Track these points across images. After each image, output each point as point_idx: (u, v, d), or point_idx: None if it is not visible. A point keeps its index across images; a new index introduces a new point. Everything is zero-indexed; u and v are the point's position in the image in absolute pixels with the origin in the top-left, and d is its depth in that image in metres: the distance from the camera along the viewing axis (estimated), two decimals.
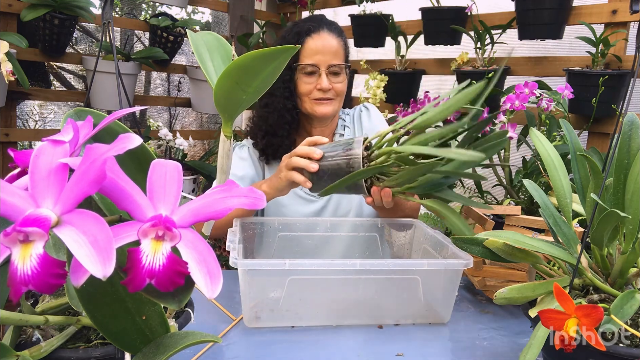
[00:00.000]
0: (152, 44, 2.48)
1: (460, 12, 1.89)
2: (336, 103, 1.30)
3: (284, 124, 1.29)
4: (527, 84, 1.34)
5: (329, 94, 1.27)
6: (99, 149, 0.43)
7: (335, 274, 0.95)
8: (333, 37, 1.27)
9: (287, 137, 1.30)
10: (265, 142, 1.31)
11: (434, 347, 0.91)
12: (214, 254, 0.45)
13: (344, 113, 1.44)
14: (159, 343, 0.55)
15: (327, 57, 1.25)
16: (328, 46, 1.25)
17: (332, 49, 1.26)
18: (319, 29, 1.26)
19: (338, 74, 1.28)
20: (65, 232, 0.40)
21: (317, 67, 1.25)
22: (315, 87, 1.26)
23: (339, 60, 1.27)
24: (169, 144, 2.42)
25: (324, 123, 1.35)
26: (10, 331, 0.60)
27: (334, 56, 1.26)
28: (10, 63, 1.64)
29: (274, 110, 1.30)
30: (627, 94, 0.74)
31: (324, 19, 1.33)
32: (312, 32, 1.26)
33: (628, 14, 1.52)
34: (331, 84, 1.26)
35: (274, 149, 1.31)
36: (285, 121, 1.29)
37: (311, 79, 1.26)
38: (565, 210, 0.83)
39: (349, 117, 1.43)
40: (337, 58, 1.27)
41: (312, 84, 1.26)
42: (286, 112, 1.29)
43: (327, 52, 1.25)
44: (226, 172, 0.67)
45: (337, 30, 1.30)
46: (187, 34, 0.78)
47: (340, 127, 1.40)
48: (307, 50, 1.26)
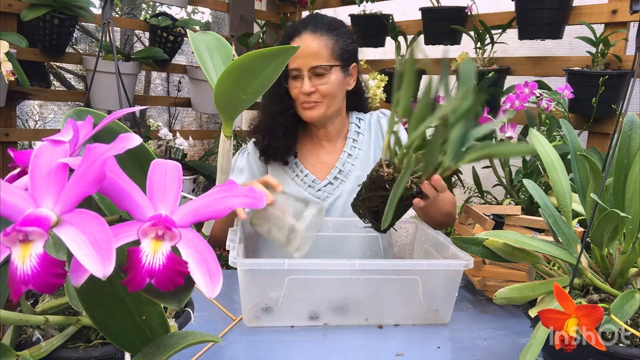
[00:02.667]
0: (152, 44, 2.48)
1: (460, 12, 1.89)
2: (323, 106, 1.27)
3: (278, 126, 1.29)
4: (527, 83, 1.34)
5: (314, 97, 1.25)
6: (99, 149, 0.43)
7: (335, 274, 0.95)
8: (315, 37, 1.24)
9: (283, 139, 1.30)
10: (265, 143, 1.31)
11: (434, 347, 0.91)
12: (214, 254, 0.45)
13: (357, 117, 1.40)
14: (159, 343, 0.55)
15: (307, 60, 1.22)
16: (306, 48, 1.23)
17: (312, 51, 1.23)
18: (301, 31, 1.25)
19: (322, 75, 1.24)
20: (65, 231, 0.40)
21: (300, 71, 1.24)
22: (300, 91, 1.25)
23: (321, 60, 1.23)
24: (169, 144, 2.42)
25: (324, 125, 1.34)
26: (10, 331, 0.60)
27: (314, 58, 1.23)
28: (10, 63, 1.64)
29: (269, 113, 1.30)
30: (627, 94, 0.74)
31: (312, 19, 1.30)
32: (295, 36, 1.25)
33: (628, 14, 1.52)
34: (314, 87, 1.24)
35: (273, 150, 1.31)
36: (279, 123, 1.29)
37: (297, 83, 1.25)
38: (565, 210, 0.83)
39: (365, 122, 1.39)
40: (319, 59, 1.23)
41: (297, 88, 1.25)
42: (278, 115, 1.28)
43: (306, 54, 1.22)
44: (226, 172, 0.67)
45: (324, 29, 1.26)
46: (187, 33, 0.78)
47: (352, 133, 1.37)
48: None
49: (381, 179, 0.87)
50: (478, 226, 1.12)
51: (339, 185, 1.32)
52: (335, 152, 1.36)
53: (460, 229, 1.21)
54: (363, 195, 0.92)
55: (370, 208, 0.91)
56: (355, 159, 1.34)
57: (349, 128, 1.38)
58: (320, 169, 1.34)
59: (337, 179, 1.32)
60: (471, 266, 0.93)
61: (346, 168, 1.33)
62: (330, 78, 1.25)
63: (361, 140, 1.36)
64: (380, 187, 0.88)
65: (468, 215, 1.19)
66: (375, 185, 0.89)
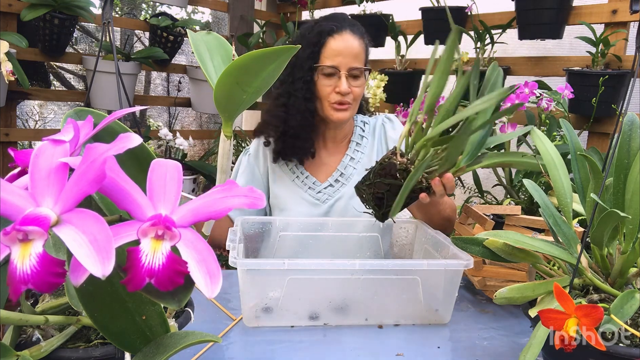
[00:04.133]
0: (152, 44, 2.48)
1: (461, 12, 1.89)
2: (353, 109, 1.26)
3: (306, 126, 1.26)
4: (527, 83, 1.34)
5: (348, 98, 1.23)
6: (99, 149, 0.43)
7: (334, 273, 0.95)
8: (355, 38, 1.22)
9: (309, 139, 1.27)
10: (282, 143, 1.28)
11: (434, 347, 0.91)
12: (213, 254, 0.45)
13: (362, 121, 1.39)
14: (159, 343, 0.55)
15: (348, 59, 1.21)
16: (350, 48, 1.21)
17: (354, 51, 1.21)
18: (341, 29, 1.22)
19: (358, 78, 1.23)
20: (65, 231, 0.40)
21: (337, 69, 1.21)
22: (334, 90, 1.22)
23: (359, 63, 1.22)
24: (169, 144, 2.43)
25: (339, 127, 1.33)
26: (10, 331, 0.60)
27: (355, 58, 1.21)
28: (10, 63, 1.65)
29: (296, 112, 1.25)
30: (627, 93, 0.74)
31: (347, 18, 1.28)
32: (335, 33, 1.21)
33: (628, 14, 1.52)
34: (350, 88, 1.22)
35: (294, 150, 1.28)
36: (307, 123, 1.26)
37: (330, 81, 1.22)
38: (565, 210, 0.83)
39: (369, 126, 1.38)
40: (358, 61, 1.22)
41: (330, 86, 1.22)
42: (309, 114, 1.25)
43: (348, 54, 1.21)
44: (226, 172, 0.67)
45: (359, 32, 1.25)
46: (187, 33, 0.78)
47: (357, 136, 1.36)
48: (328, 50, 1.21)
49: (393, 166, 0.86)
50: (478, 226, 1.12)
51: (339, 188, 1.31)
52: (338, 155, 1.35)
53: (460, 229, 1.21)
54: (370, 179, 0.90)
55: (375, 194, 0.90)
56: (358, 162, 1.33)
57: (354, 131, 1.37)
58: (321, 171, 1.34)
59: (338, 181, 1.32)
60: (471, 266, 0.93)
61: (348, 171, 1.32)
62: (363, 81, 1.25)
63: (364, 144, 1.35)
64: (389, 175, 0.87)
65: (468, 215, 1.19)
66: (385, 171, 0.87)
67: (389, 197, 0.88)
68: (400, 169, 0.86)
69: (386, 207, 0.91)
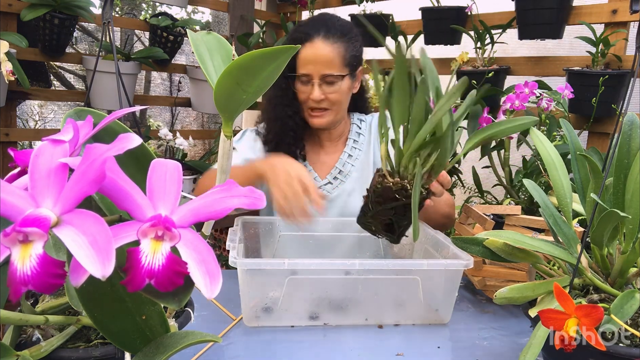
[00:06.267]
0: (152, 44, 2.48)
1: (461, 12, 1.89)
2: (332, 113, 1.25)
3: (288, 131, 1.26)
4: (527, 83, 1.34)
5: (323, 104, 1.23)
6: (99, 149, 0.42)
7: (334, 273, 0.95)
8: (327, 44, 1.19)
9: (293, 144, 1.27)
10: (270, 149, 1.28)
11: (434, 347, 0.91)
12: (213, 254, 0.45)
13: (358, 119, 1.39)
14: (159, 343, 0.55)
15: (318, 67, 1.19)
16: (320, 55, 1.19)
17: (325, 58, 1.19)
18: (312, 35, 1.20)
19: (332, 84, 1.21)
20: (65, 232, 0.40)
21: (310, 77, 1.21)
22: (309, 97, 1.22)
23: (333, 69, 1.20)
24: (169, 144, 2.42)
25: (328, 128, 1.33)
26: (10, 331, 0.60)
27: (326, 65, 1.19)
28: (10, 63, 1.64)
29: (275, 118, 1.26)
30: (627, 93, 0.74)
31: (324, 23, 1.24)
32: (306, 41, 1.20)
33: (628, 14, 1.52)
34: (325, 94, 1.21)
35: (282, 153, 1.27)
36: (288, 128, 1.26)
37: (306, 88, 1.23)
38: (565, 210, 0.83)
39: (365, 123, 1.38)
40: (332, 67, 1.20)
41: (306, 93, 1.23)
42: (288, 119, 1.25)
43: (319, 61, 1.19)
44: (226, 172, 0.67)
45: (337, 34, 1.21)
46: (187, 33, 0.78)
47: (353, 134, 1.36)
48: (300, 59, 1.21)
49: (389, 190, 0.83)
50: (478, 226, 1.12)
51: (338, 185, 1.32)
52: (335, 153, 1.35)
53: (460, 229, 1.21)
54: (371, 211, 0.88)
55: (383, 222, 0.88)
56: (356, 159, 1.33)
57: (350, 129, 1.37)
58: (320, 169, 1.34)
59: (337, 179, 1.32)
60: (471, 266, 0.93)
61: (346, 168, 1.33)
62: (340, 86, 1.23)
63: (362, 141, 1.36)
64: (389, 199, 0.84)
65: (468, 215, 1.19)
66: (383, 198, 0.85)
67: (397, 219, 0.86)
68: (396, 189, 0.83)
69: (399, 229, 0.89)
